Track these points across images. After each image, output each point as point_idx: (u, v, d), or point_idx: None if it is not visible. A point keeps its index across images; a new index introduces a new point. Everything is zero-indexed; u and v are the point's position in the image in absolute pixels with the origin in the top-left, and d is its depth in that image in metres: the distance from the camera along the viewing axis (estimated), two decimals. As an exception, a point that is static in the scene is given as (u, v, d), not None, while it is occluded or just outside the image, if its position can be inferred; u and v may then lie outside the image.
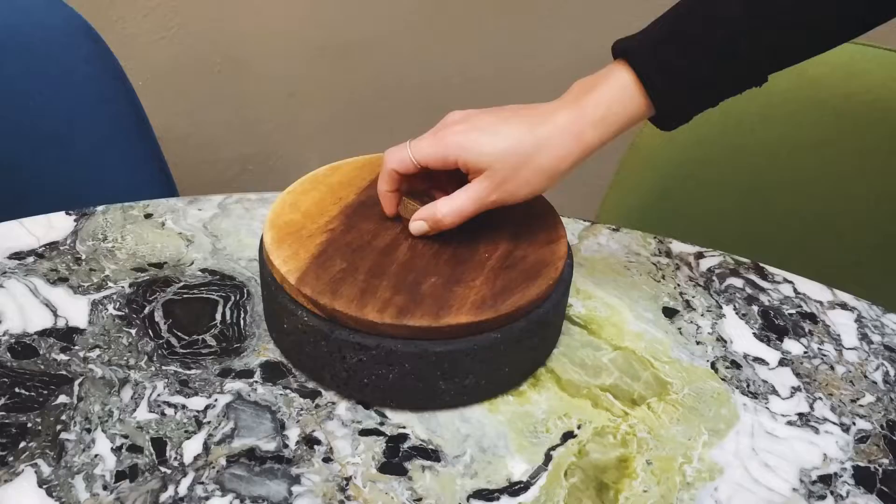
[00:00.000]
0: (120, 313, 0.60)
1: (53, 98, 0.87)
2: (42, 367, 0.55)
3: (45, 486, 0.47)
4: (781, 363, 0.61)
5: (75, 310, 0.60)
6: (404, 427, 0.53)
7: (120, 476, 0.48)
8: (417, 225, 0.56)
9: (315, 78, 1.30)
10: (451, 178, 0.56)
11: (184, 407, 0.53)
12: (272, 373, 0.56)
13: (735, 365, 0.60)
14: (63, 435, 0.50)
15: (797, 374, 0.60)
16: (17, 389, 0.53)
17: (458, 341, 0.51)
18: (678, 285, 0.68)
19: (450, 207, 0.54)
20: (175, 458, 0.49)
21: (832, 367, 0.61)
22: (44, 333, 0.58)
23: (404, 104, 1.36)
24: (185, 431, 0.51)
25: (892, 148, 0.85)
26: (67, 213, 0.71)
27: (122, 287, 0.63)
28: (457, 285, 0.53)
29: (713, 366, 0.60)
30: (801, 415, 0.56)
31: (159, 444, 0.50)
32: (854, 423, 0.56)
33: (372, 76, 1.32)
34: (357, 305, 0.50)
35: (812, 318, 0.66)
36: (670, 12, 0.52)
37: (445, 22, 1.30)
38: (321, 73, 1.30)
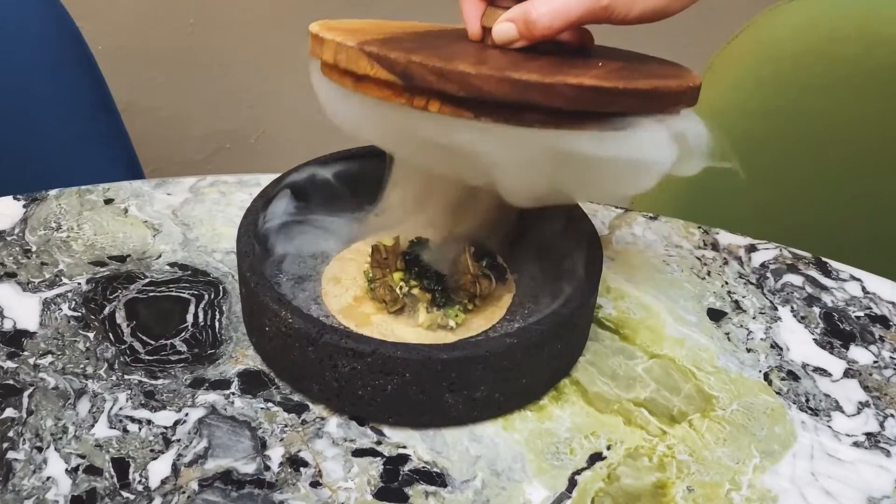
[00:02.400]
0: (76, 314, 0.61)
1: (-1, 64, 0.88)
2: (-14, 375, 0.56)
3: (-11, 513, 0.47)
4: (847, 374, 0.61)
5: (24, 310, 0.61)
6: (405, 447, 0.53)
7: (76, 501, 0.48)
8: (503, 28, 0.49)
9: (305, 41, 1.30)
10: None
11: (149, 422, 0.53)
12: (252, 383, 0.56)
13: (792, 376, 0.60)
14: (10, 454, 0.51)
15: (865, 388, 0.60)
16: (-43, 401, 0.54)
17: (467, 347, 0.51)
18: (726, 283, 0.68)
19: (549, 5, 0.48)
20: (139, 482, 0.50)
21: (906, 379, 0.61)
22: (-12, 337, 0.58)
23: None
24: (151, 451, 0.51)
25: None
26: (15, 198, 0.72)
27: (79, 284, 0.63)
28: (570, 68, 0.47)
29: (766, 377, 0.60)
30: (869, 435, 0.56)
31: (121, 465, 0.50)
32: (931, 445, 0.56)
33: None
34: (441, 59, 0.45)
35: (883, 321, 0.66)
36: None
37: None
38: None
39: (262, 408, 0.55)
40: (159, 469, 0.50)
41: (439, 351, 0.51)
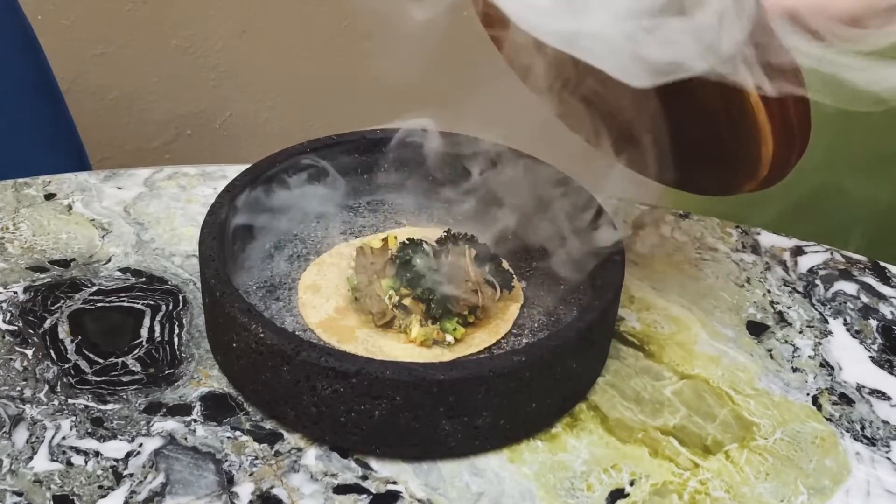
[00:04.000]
0: (11, 328, 0.61)
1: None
2: None
3: (-89, 560, 0.48)
4: (909, 398, 0.61)
5: (-49, 323, 0.61)
6: (395, 482, 0.53)
7: (12, 546, 0.48)
8: None
9: (275, 10, 1.30)
10: None
11: (97, 454, 0.53)
12: (217, 408, 0.56)
13: (845, 400, 0.60)
14: (-65, 491, 0.51)
15: (930, 413, 0.60)
16: None
17: (468, 366, 0.51)
18: (768, 291, 0.69)
19: None
20: (86, 523, 0.50)
21: (978, 404, 0.61)
22: None
23: (389, 44, 1.35)
24: (100, 487, 0.51)
25: None
26: (-59, 193, 0.72)
27: (15, 292, 0.63)
28: None
29: (815, 401, 0.60)
30: (934, 468, 0.56)
31: (64, 503, 0.51)
32: None
33: (349, 6, 1.32)
34: None
35: (951, 336, 0.66)
36: None
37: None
38: (282, 2, 1.30)
39: (228, 437, 0.55)
40: (109, 508, 0.51)
41: (435, 371, 0.51)
